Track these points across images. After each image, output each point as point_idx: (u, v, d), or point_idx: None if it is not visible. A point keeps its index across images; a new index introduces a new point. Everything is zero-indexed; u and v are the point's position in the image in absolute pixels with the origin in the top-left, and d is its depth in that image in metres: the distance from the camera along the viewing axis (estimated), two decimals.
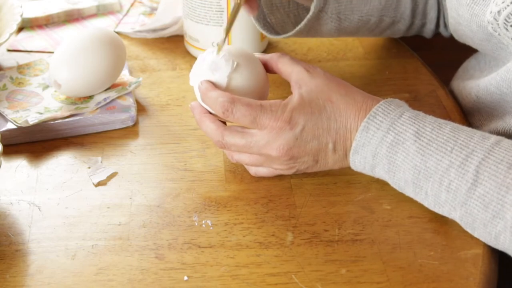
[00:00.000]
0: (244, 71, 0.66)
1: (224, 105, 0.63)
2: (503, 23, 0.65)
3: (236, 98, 0.64)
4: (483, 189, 0.57)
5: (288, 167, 0.66)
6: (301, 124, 0.63)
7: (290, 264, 0.60)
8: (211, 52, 0.67)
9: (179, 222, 0.64)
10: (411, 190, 0.62)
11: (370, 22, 0.82)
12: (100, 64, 0.76)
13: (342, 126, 0.63)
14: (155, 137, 0.75)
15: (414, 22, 0.85)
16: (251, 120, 0.63)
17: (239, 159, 0.67)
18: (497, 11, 0.65)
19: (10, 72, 0.83)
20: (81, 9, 0.98)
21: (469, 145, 0.59)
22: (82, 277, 0.59)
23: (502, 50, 0.71)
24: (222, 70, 0.66)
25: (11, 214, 0.65)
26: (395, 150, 0.61)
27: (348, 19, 0.80)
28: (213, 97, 0.64)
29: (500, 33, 0.66)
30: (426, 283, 0.58)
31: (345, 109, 0.63)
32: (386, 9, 0.82)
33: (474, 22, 0.70)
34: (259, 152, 0.65)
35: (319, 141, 0.64)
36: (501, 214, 0.56)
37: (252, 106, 0.63)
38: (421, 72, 0.87)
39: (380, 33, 0.86)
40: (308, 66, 0.66)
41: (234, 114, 0.63)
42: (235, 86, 0.66)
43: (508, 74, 0.69)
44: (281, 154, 0.64)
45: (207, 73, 0.66)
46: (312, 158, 0.65)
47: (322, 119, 0.63)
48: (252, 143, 0.64)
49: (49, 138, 0.75)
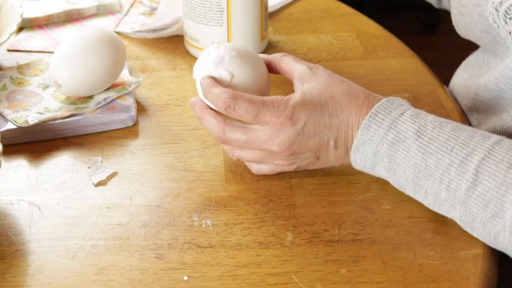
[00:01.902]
0: (247, 67, 0.67)
1: (226, 101, 0.63)
2: (503, 15, 0.65)
3: (238, 94, 0.64)
4: (483, 188, 0.57)
5: (289, 162, 0.66)
6: (302, 120, 0.63)
7: (290, 264, 0.60)
8: (216, 46, 0.67)
9: (179, 222, 0.64)
10: (411, 189, 0.62)
11: None
12: (100, 64, 0.76)
13: (343, 123, 0.63)
14: (155, 137, 0.75)
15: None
16: (253, 116, 0.63)
17: (240, 155, 0.67)
18: (499, 2, 0.65)
19: (10, 72, 0.83)
20: (81, 9, 0.98)
21: (469, 144, 0.59)
22: (82, 277, 0.59)
23: (500, 45, 0.71)
24: (225, 65, 0.66)
25: (11, 214, 0.65)
26: (396, 148, 0.61)
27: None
28: (215, 93, 0.65)
29: (499, 25, 0.66)
30: (426, 283, 0.58)
31: (347, 106, 0.63)
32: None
33: (476, 12, 0.70)
34: (261, 148, 0.65)
35: (320, 137, 0.64)
36: (501, 214, 0.57)
37: (254, 102, 0.63)
38: (421, 72, 0.87)
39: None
40: (310, 65, 0.67)
41: (236, 110, 0.63)
42: (238, 82, 0.66)
43: (506, 70, 0.69)
44: (282, 149, 0.64)
45: (211, 67, 0.67)
46: (313, 154, 0.65)
47: (324, 115, 0.63)
48: (253, 138, 0.64)
49: (49, 138, 0.75)
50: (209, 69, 0.67)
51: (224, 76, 0.66)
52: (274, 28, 0.96)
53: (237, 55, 0.66)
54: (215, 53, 0.67)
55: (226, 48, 0.67)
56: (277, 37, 0.94)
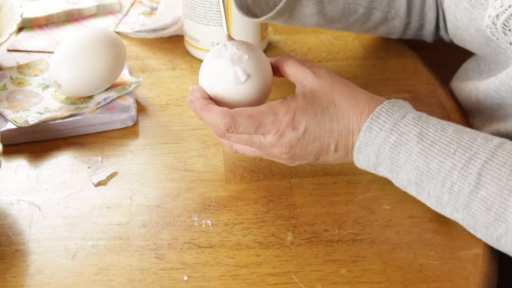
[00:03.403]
0: (260, 70, 0.66)
1: (226, 123, 0.63)
2: (501, 27, 0.65)
3: (236, 112, 0.63)
4: (486, 192, 0.57)
5: (288, 162, 0.66)
6: (303, 125, 0.63)
7: (290, 264, 0.60)
8: (230, 45, 0.67)
9: (179, 222, 0.64)
10: (414, 190, 0.62)
11: (358, 12, 0.81)
12: (100, 64, 0.76)
13: (344, 128, 0.63)
14: (155, 137, 0.75)
15: (410, 21, 0.85)
16: (255, 130, 0.63)
17: (239, 149, 0.67)
18: (495, 15, 0.65)
19: (10, 72, 0.83)
20: (81, 9, 0.98)
21: (472, 147, 0.59)
22: (82, 277, 0.59)
23: (501, 55, 0.71)
24: (243, 65, 0.65)
25: (11, 214, 0.65)
26: (397, 151, 0.61)
27: (332, 4, 0.78)
28: (212, 118, 0.64)
29: (498, 38, 0.66)
30: (426, 283, 0.58)
31: (348, 111, 0.63)
32: (377, 2, 0.81)
33: (472, 26, 0.70)
34: (261, 148, 0.65)
35: (321, 141, 0.64)
36: (503, 217, 0.56)
37: (253, 116, 0.63)
38: (421, 72, 0.87)
39: (374, 28, 0.85)
40: (313, 67, 0.66)
41: (237, 128, 0.63)
42: (249, 84, 0.65)
43: (507, 79, 0.69)
44: (282, 153, 0.64)
45: (227, 63, 0.65)
46: (313, 156, 0.65)
47: (325, 120, 0.63)
48: (254, 138, 0.64)
49: (49, 138, 0.75)
50: (224, 66, 0.66)
51: (240, 75, 0.65)
52: (274, 28, 0.96)
53: (254, 57, 0.66)
54: (232, 51, 0.66)
55: (243, 47, 0.66)
56: (277, 37, 0.94)
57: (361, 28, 0.84)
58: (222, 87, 0.66)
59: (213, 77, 0.66)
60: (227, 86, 0.66)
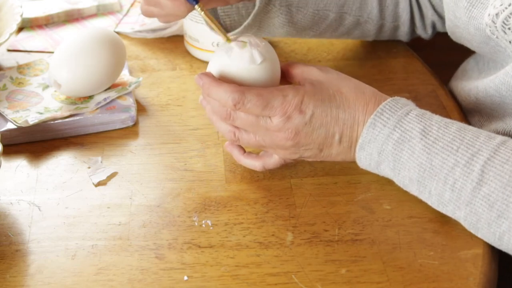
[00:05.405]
0: (274, 59, 0.67)
1: (234, 97, 0.62)
2: (501, 26, 0.65)
3: (246, 88, 0.63)
4: (488, 189, 0.57)
5: (291, 151, 0.65)
6: (311, 109, 0.63)
7: (290, 264, 0.60)
8: (244, 36, 0.67)
9: (179, 222, 0.64)
10: (415, 188, 0.62)
11: (329, 18, 0.81)
12: (100, 64, 0.76)
13: (350, 117, 0.63)
14: (155, 137, 0.75)
15: (384, 24, 0.85)
16: (263, 108, 0.62)
17: (242, 137, 0.66)
18: (495, 13, 0.65)
19: (10, 72, 0.83)
20: (81, 9, 0.98)
21: (475, 144, 0.59)
22: (82, 277, 0.59)
23: (500, 53, 0.71)
24: (260, 48, 0.66)
25: (11, 214, 0.65)
26: (400, 148, 0.61)
27: (301, 12, 0.78)
28: (221, 90, 0.63)
29: (498, 36, 0.66)
30: (426, 283, 0.58)
31: (354, 101, 0.63)
32: (347, 6, 0.81)
33: (472, 25, 0.70)
34: (266, 133, 0.64)
35: (326, 129, 0.64)
36: (506, 214, 0.56)
37: (262, 95, 0.63)
38: (421, 72, 0.87)
39: (347, 33, 0.85)
40: (320, 66, 0.67)
41: (246, 104, 0.62)
42: (265, 67, 0.65)
43: (507, 78, 0.69)
44: (288, 138, 0.63)
45: (244, 47, 0.65)
46: (317, 146, 0.65)
47: (332, 107, 0.63)
48: (261, 121, 0.64)
49: (49, 138, 0.75)
50: (240, 49, 0.65)
51: (256, 56, 0.65)
52: None
53: (268, 47, 0.66)
54: (248, 38, 0.66)
55: (257, 39, 0.67)
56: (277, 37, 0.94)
57: (334, 33, 0.85)
58: (234, 69, 0.65)
59: (225, 60, 0.66)
60: (241, 65, 0.65)
